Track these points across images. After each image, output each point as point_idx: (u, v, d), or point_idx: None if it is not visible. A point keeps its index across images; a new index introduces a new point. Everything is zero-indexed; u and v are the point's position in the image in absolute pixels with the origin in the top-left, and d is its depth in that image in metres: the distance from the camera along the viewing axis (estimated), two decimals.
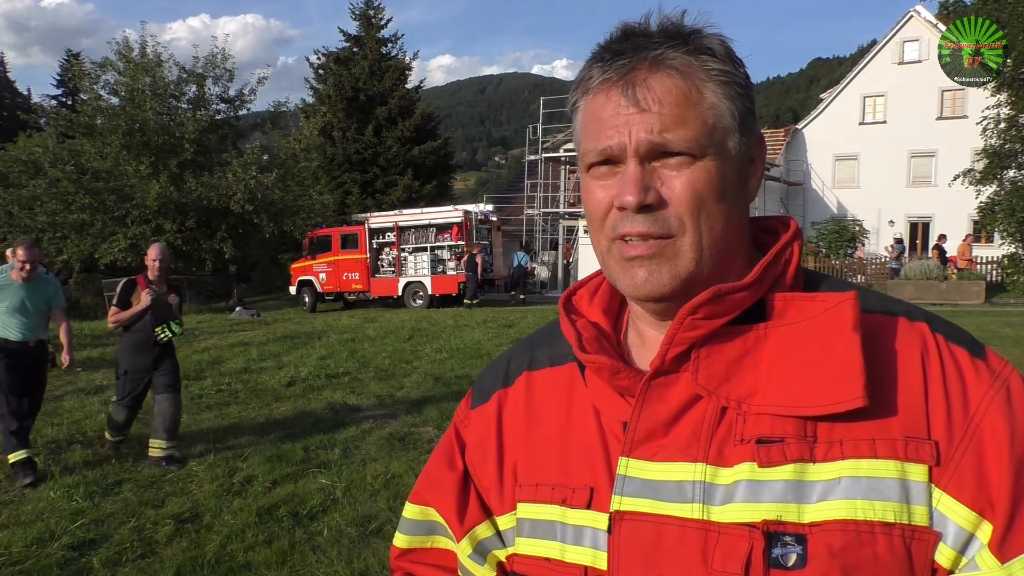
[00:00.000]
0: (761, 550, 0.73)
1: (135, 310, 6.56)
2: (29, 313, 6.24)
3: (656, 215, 0.78)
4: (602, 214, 0.82)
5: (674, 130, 0.77)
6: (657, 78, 0.78)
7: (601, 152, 0.80)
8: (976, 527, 0.72)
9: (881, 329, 0.80)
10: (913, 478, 0.73)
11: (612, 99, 0.79)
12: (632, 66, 0.79)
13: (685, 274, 0.79)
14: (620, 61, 0.79)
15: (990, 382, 0.76)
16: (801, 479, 0.74)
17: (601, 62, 0.81)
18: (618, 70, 0.79)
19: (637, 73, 0.78)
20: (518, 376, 0.98)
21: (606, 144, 0.79)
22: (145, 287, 6.60)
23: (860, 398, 0.73)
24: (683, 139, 0.77)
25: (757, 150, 0.85)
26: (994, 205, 22.35)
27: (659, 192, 0.78)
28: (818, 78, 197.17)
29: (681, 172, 0.78)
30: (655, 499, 0.79)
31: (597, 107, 0.81)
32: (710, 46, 0.80)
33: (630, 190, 0.78)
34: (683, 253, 0.79)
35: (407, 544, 1.02)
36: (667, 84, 0.78)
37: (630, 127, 0.78)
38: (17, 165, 25.89)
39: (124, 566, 4.49)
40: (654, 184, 0.78)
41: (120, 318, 6.59)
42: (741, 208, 0.83)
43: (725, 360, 0.80)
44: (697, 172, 0.78)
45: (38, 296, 6.33)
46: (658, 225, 0.78)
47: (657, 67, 0.78)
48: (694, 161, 0.78)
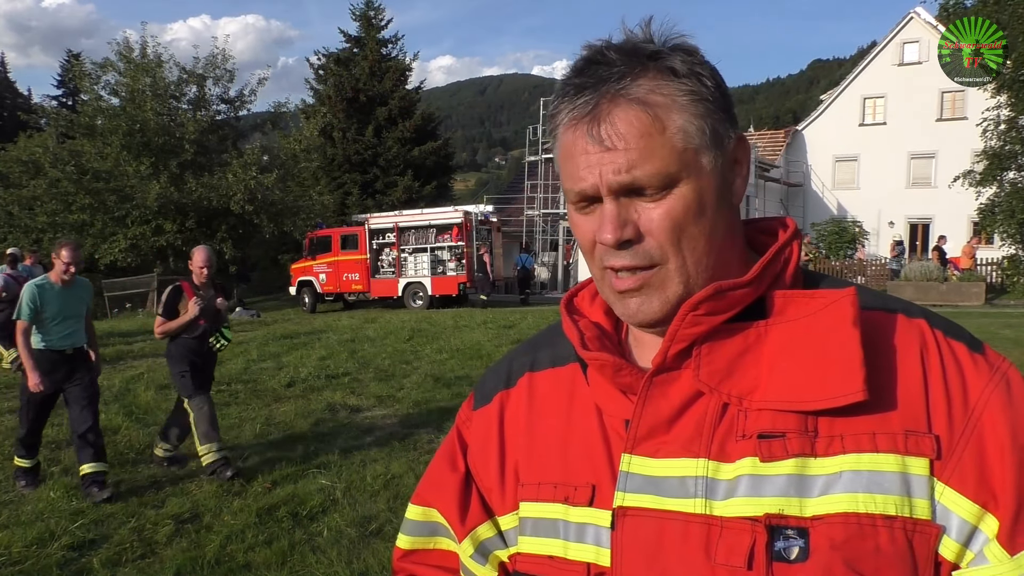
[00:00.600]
0: (764, 543, 0.73)
1: (184, 320, 6.14)
2: (70, 319, 5.88)
3: (637, 248, 0.80)
4: (590, 246, 0.84)
5: (642, 166, 0.77)
6: (620, 113, 0.77)
7: (578, 194, 0.81)
8: (979, 520, 0.73)
9: (880, 325, 0.81)
10: (914, 472, 0.74)
11: (579, 138, 0.79)
12: (595, 102, 0.78)
13: (675, 299, 0.81)
14: (583, 98, 0.79)
15: (989, 376, 0.77)
16: (803, 473, 0.75)
17: (566, 98, 0.81)
18: (581, 108, 0.79)
19: (600, 109, 0.78)
20: (520, 377, 0.99)
21: (580, 187, 0.80)
22: (192, 294, 6.20)
23: (860, 392, 0.74)
24: (651, 174, 0.77)
25: (739, 151, 0.85)
26: (994, 207, 22.36)
27: (637, 225, 0.79)
28: (818, 79, 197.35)
29: (657, 203, 0.79)
30: (658, 495, 0.80)
31: (568, 144, 0.81)
32: (671, 66, 0.79)
33: (607, 228, 0.79)
34: (670, 279, 0.80)
35: (409, 545, 1.03)
36: (629, 118, 0.77)
37: (600, 167, 0.78)
38: (17, 165, 25.93)
39: (124, 566, 4.49)
40: (631, 218, 0.79)
41: (168, 329, 6.17)
42: (727, 215, 0.84)
43: (726, 356, 0.80)
44: (673, 201, 0.78)
45: (78, 300, 5.96)
46: (640, 257, 0.80)
47: (618, 101, 0.78)
48: (669, 191, 0.78)
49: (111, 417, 7.97)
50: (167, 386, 9.63)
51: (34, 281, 5.85)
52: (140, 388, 9.60)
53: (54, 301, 5.76)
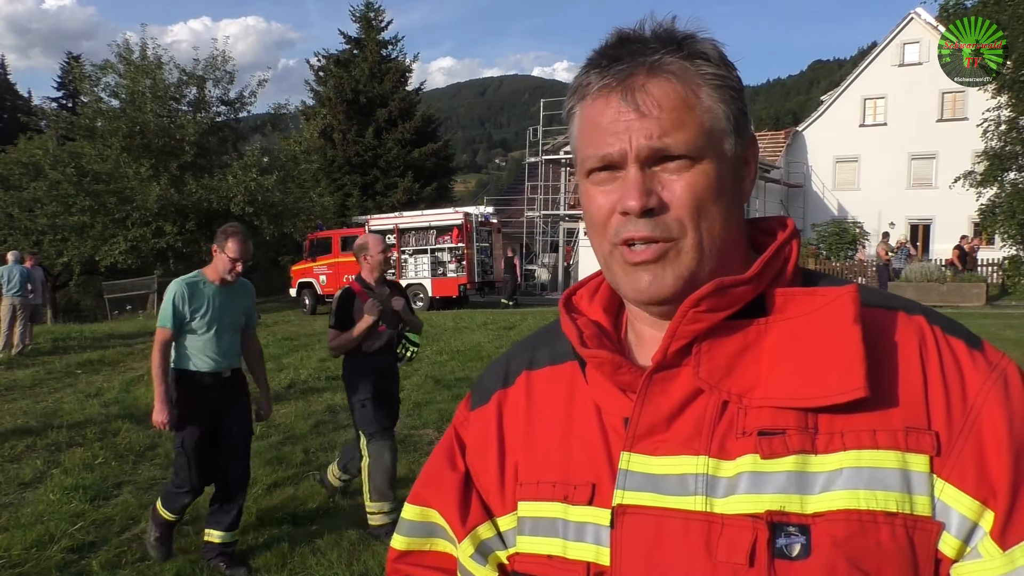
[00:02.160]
0: (765, 540, 0.73)
1: (362, 328, 4.88)
2: (226, 331, 4.54)
3: (658, 219, 0.80)
4: (603, 219, 0.83)
5: (673, 134, 0.78)
6: (655, 83, 0.79)
7: (602, 159, 0.81)
8: (979, 516, 0.73)
9: (880, 323, 0.81)
10: (914, 468, 0.74)
11: (611, 105, 0.80)
12: (630, 71, 0.80)
13: (688, 275, 0.80)
14: (618, 67, 0.80)
15: (987, 372, 0.77)
16: (803, 470, 0.75)
17: (598, 68, 0.82)
18: (616, 75, 0.80)
19: (635, 78, 0.79)
20: (518, 376, 0.99)
21: (606, 151, 0.80)
22: (366, 296, 5.01)
23: (861, 388, 0.74)
24: (682, 143, 0.78)
25: (750, 151, 0.87)
26: (995, 207, 22.36)
27: (660, 196, 0.80)
28: (818, 80, 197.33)
29: (681, 175, 0.79)
30: (657, 492, 0.80)
31: (596, 113, 0.82)
32: (704, 51, 0.81)
33: (633, 195, 0.79)
34: (685, 254, 0.80)
35: (405, 546, 1.01)
36: (665, 89, 0.79)
37: (630, 133, 0.79)
38: (18, 167, 25.95)
39: (123, 568, 4.48)
40: (655, 188, 0.80)
41: (344, 342, 4.94)
42: (737, 208, 0.85)
43: (726, 354, 0.80)
44: (696, 175, 0.79)
45: (237, 307, 4.64)
46: (660, 229, 0.80)
47: (655, 72, 0.79)
48: (693, 164, 0.79)
49: (111, 419, 7.98)
50: None
51: (183, 278, 4.51)
52: (140, 390, 9.59)
53: (209, 305, 4.45)
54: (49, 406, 8.92)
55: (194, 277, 4.51)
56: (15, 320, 13.14)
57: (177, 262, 25.33)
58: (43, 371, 11.33)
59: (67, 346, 14.05)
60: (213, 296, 4.48)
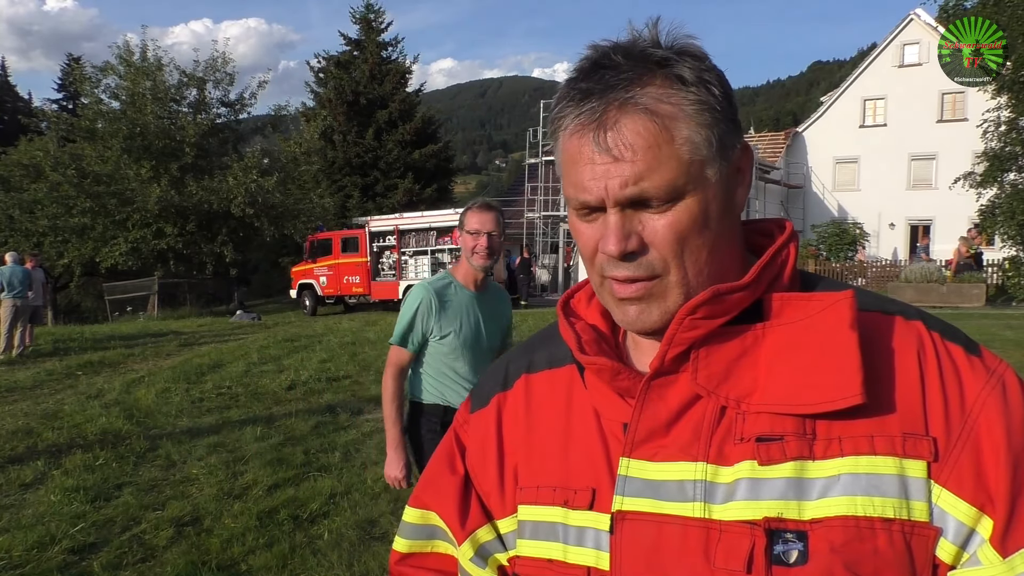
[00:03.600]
0: (763, 547, 0.73)
1: None
2: (482, 352, 3.34)
3: (640, 260, 0.79)
4: (591, 253, 0.83)
5: (649, 177, 0.76)
6: (628, 122, 0.76)
7: (582, 204, 0.80)
8: (976, 522, 0.73)
9: (878, 327, 0.81)
10: (912, 474, 0.74)
11: (585, 146, 0.78)
12: (603, 109, 0.77)
13: (674, 308, 0.80)
14: (590, 104, 0.77)
15: (986, 379, 0.77)
16: (801, 476, 0.75)
17: (572, 103, 0.79)
18: (588, 115, 0.77)
19: (607, 117, 0.77)
20: (517, 379, 0.99)
21: (584, 198, 0.79)
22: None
23: (858, 395, 0.74)
24: (659, 186, 0.76)
25: (743, 159, 0.84)
26: (994, 208, 22.30)
27: (641, 237, 0.79)
28: (818, 81, 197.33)
29: (662, 215, 0.78)
30: (656, 499, 0.80)
31: (573, 151, 0.80)
32: (680, 74, 0.77)
33: (611, 240, 0.78)
34: (670, 290, 0.80)
35: (407, 548, 1.02)
36: (638, 127, 0.76)
37: (607, 179, 0.77)
38: (18, 169, 25.99)
39: (124, 570, 4.48)
40: (635, 229, 0.79)
41: None
42: (730, 224, 0.83)
43: (724, 360, 0.80)
44: (678, 213, 0.78)
45: (496, 318, 3.46)
46: (642, 269, 0.79)
47: (626, 109, 0.76)
48: (675, 203, 0.78)
49: (112, 420, 7.98)
50: (168, 389, 9.64)
51: (429, 281, 3.33)
52: (141, 391, 9.60)
53: (463, 313, 3.28)
54: (50, 407, 8.92)
55: (442, 279, 3.33)
56: (15, 321, 13.14)
57: (177, 263, 25.37)
58: (44, 372, 11.33)
59: (68, 347, 14.05)
60: (468, 303, 3.30)
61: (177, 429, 7.75)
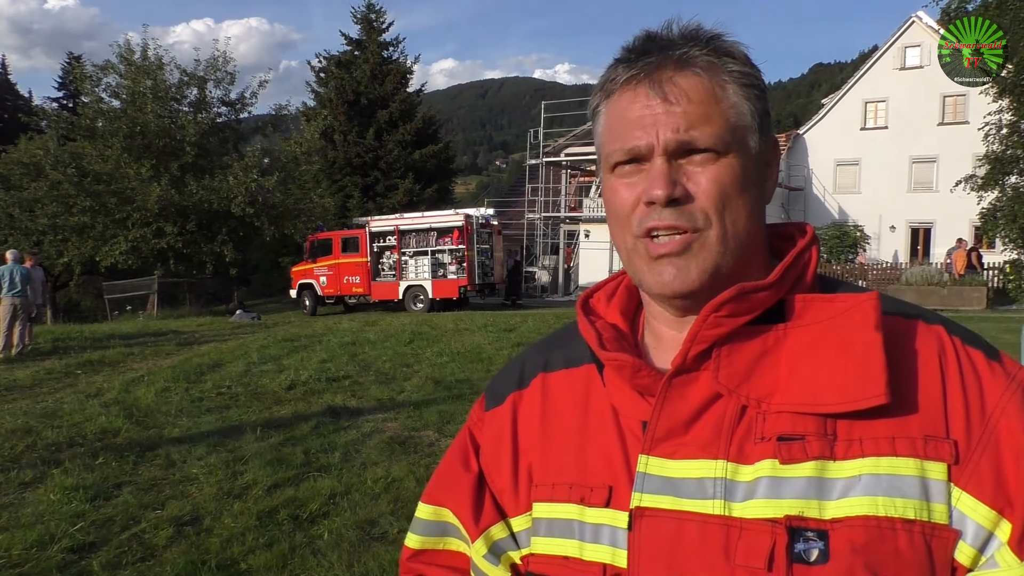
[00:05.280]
0: (784, 545, 0.73)
1: None
2: None
3: (683, 209, 0.81)
4: (627, 211, 0.84)
5: (700, 127, 0.79)
6: (683, 76, 0.81)
7: (628, 152, 0.82)
8: (995, 525, 0.73)
9: (900, 331, 0.81)
10: (932, 476, 0.74)
11: (639, 96, 0.82)
12: (658, 64, 0.82)
13: (712, 268, 0.81)
14: (647, 59, 0.82)
15: (1006, 383, 0.78)
16: (822, 476, 0.75)
17: (627, 62, 0.84)
18: (644, 68, 0.82)
19: (663, 71, 0.81)
20: (533, 378, 0.99)
21: (633, 144, 0.82)
22: None
23: (882, 395, 0.74)
24: (708, 136, 0.80)
25: (772, 153, 0.88)
26: (996, 211, 22.33)
27: (685, 187, 0.81)
28: (819, 83, 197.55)
29: (706, 168, 0.81)
30: (676, 496, 0.80)
31: (623, 106, 0.83)
32: (730, 50, 0.83)
33: (659, 184, 0.80)
34: (710, 246, 0.81)
35: (419, 545, 1.02)
36: (692, 82, 0.81)
37: (657, 126, 0.80)
38: (18, 167, 26.00)
39: (124, 569, 4.47)
40: (680, 179, 0.81)
41: None
42: (760, 207, 0.86)
43: (746, 359, 0.81)
44: (721, 168, 0.80)
45: None
46: (685, 219, 0.80)
47: (683, 66, 0.81)
48: (718, 157, 0.81)
49: (111, 419, 7.97)
50: (167, 389, 9.63)
51: None
52: (140, 390, 9.58)
53: None
54: (49, 406, 8.91)
55: None
56: (15, 320, 13.14)
57: (177, 263, 25.37)
58: (43, 371, 11.31)
59: (67, 346, 14.04)
60: None
61: (177, 428, 7.74)
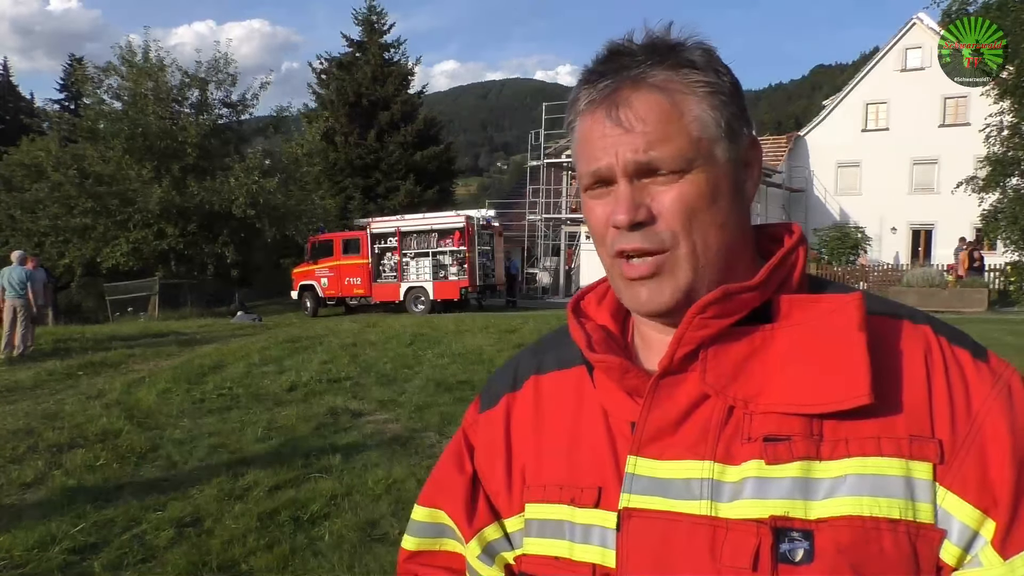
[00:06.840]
0: (769, 545, 0.74)
1: None
2: None
3: (648, 231, 0.81)
4: (602, 231, 0.85)
5: (659, 147, 0.79)
6: (639, 97, 0.80)
7: (592, 175, 0.83)
8: (980, 525, 0.74)
9: (886, 330, 0.82)
10: (918, 476, 0.75)
11: (598, 121, 0.82)
12: (615, 87, 0.81)
13: (685, 286, 0.82)
14: (603, 83, 0.82)
15: (992, 383, 0.78)
16: (808, 476, 0.76)
17: (587, 84, 0.84)
18: (601, 92, 0.82)
19: (619, 93, 0.81)
20: (526, 380, 1.00)
21: (596, 167, 0.83)
22: None
23: (866, 395, 0.75)
24: (668, 156, 0.79)
25: (752, 154, 0.87)
26: (997, 213, 22.31)
27: (650, 208, 0.81)
28: (820, 85, 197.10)
29: (670, 187, 0.81)
30: (664, 496, 0.80)
31: (586, 129, 0.84)
32: (691, 59, 0.82)
33: (621, 208, 0.81)
34: (680, 266, 0.81)
35: (415, 546, 1.03)
36: (649, 102, 0.80)
37: (616, 148, 0.80)
38: (20, 169, 26.07)
39: (125, 570, 4.48)
40: (644, 201, 0.81)
41: None
42: (738, 212, 0.85)
43: (732, 360, 0.81)
44: (686, 185, 0.80)
45: None
46: (651, 240, 0.81)
47: (638, 86, 0.81)
48: (683, 175, 0.80)
49: (112, 420, 7.98)
50: (168, 390, 9.64)
51: None
52: (141, 392, 9.59)
53: None
54: (50, 407, 8.92)
55: None
56: (16, 322, 13.14)
57: (179, 264, 25.39)
58: (44, 372, 11.32)
59: (69, 348, 14.05)
60: None
61: (178, 430, 7.75)
